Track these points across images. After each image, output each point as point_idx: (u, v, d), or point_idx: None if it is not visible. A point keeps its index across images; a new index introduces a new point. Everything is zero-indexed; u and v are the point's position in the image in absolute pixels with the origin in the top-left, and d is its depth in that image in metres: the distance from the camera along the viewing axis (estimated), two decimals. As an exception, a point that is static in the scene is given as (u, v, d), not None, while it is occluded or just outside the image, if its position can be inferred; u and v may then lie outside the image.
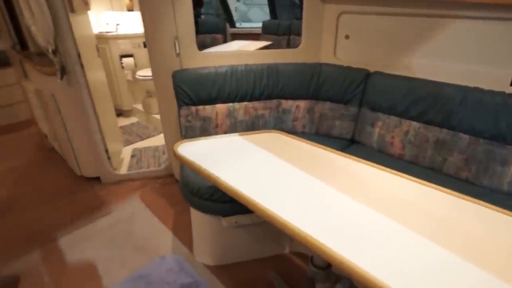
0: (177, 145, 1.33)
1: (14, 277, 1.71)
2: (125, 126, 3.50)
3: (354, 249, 0.78)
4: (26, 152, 3.04)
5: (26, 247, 1.91)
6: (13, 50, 2.72)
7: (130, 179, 2.56)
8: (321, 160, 1.26)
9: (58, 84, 2.12)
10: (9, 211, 2.23)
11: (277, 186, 1.07)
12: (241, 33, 4.27)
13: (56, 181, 2.57)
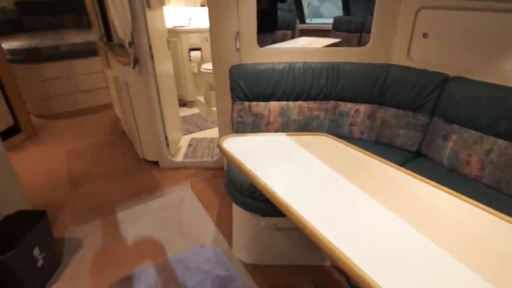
0: (224, 138, 1.35)
1: (78, 239, 1.96)
2: (186, 116, 3.72)
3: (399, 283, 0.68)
4: (103, 132, 3.44)
5: (90, 215, 2.18)
6: (100, 41, 3.08)
7: (184, 166, 2.72)
8: (376, 173, 1.15)
9: (131, 73, 2.34)
10: (83, 182, 2.55)
11: (319, 195, 1.01)
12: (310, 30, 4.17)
13: (122, 160, 2.86)
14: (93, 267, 1.77)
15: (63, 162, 2.86)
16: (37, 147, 3.14)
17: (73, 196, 2.39)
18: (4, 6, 4.56)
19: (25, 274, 1.53)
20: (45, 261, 1.65)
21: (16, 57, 3.55)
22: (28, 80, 3.66)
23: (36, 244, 1.59)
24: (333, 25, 3.97)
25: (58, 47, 3.67)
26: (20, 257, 1.48)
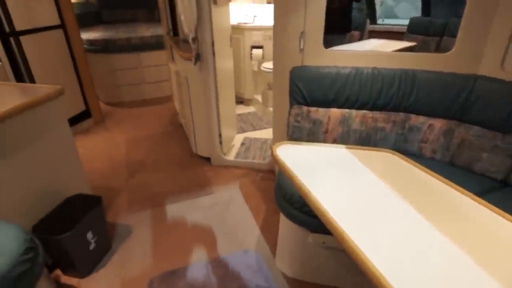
0: (278, 145, 1.31)
1: (129, 227, 2.08)
2: (242, 114, 3.75)
3: None
4: (162, 123, 3.63)
5: (142, 204, 2.30)
6: (167, 35, 3.25)
7: (235, 166, 2.74)
8: (448, 202, 1.01)
9: (192, 68, 2.42)
10: (139, 171, 2.71)
11: (378, 222, 0.91)
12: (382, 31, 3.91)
13: (177, 153, 2.98)
14: (139, 256, 1.86)
15: (123, 149, 3.07)
16: (102, 132, 3.44)
17: (128, 183, 2.55)
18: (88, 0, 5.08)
19: (77, 255, 1.65)
20: (96, 245, 1.76)
21: (93, 47, 3.92)
22: (101, 69, 4.02)
23: (90, 228, 1.70)
24: (408, 26, 3.66)
25: (129, 39, 3.97)
26: (74, 239, 1.60)
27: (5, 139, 1.46)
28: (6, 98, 1.61)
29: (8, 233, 1.22)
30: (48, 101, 1.66)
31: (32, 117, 1.59)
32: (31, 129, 1.59)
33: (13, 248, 1.16)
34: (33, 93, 1.66)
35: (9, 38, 2.64)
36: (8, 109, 1.45)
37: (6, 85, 1.80)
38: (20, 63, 2.74)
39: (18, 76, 2.74)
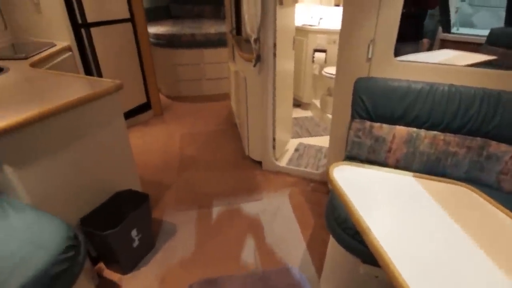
0: (335, 166, 1.24)
1: (174, 226, 2.15)
2: (299, 118, 3.69)
3: None
4: (218, 121, 3.73)
5: (189, 204, 2.37)
6: (230, 34, 3.30)
7: (287, 173, 2.70)
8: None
9: (251, 70, 2.43)
10: (189, 168, 2.82)
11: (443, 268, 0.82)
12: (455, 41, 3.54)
13: (228, 154, 3.04)
14: (181, 259, 1.88)
15: (178, 144, 3.22)
16: (160, 125, 3.63)
17: (178, 180, 2.65)
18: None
19: (121, 251, 1.68)
20: (140, 243, 1.79)
21: (159, 41, 4.15)
22: (164, 63, 4.25)
23: (135, 225, 1.72)
24: (488, 37, 3.25)
25: (194, 35, 4.13)
26: (119, 236, 1.62)
27: (66, 129, 1.49)
28: (70, 89, 1.65)
29: (51, 227, 1.20)
30: (107, 94, 1.67)
31: (92, 109, 1.61)
32: (89, 121, 1.62)
33: (54, 245, 1.14)
34: (95, 86, 1.67)
35: (81, 29, 2.78)
36: (70, 101, 1.47)
37: (72, 76, 1.87)
38: (89, 54, 2.90)
39: (86, 66, 2.91)
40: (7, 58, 2.22)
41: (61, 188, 1.52)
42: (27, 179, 1.36)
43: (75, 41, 2.77)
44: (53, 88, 1.68)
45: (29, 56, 2.26)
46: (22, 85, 1.74)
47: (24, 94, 1.60)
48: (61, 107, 1.43)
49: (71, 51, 2.75)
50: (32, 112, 1.32)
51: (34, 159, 1.37)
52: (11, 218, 1.24)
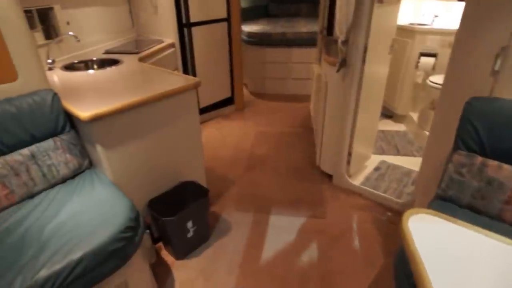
0: (412, 213, 0.87)
1: (229, 225, 2.02)
2: (387, 131, 3.16)
3: None
4: (295, 123, 3.47)
5: (248, 205, 2.20)
6: (320, 34, 2.99)
7: (359, 193, 2.30)
8: None
9: (334, 75, 2.10)
10: (255, 168, 2.64)
11: None
12: None
13: (298, 160, 2.75)
14: (228, 262, 1.76)
15: (250, 142, 3.06)
16: (239, 120, 3.54)
17: (243, 178, 2.49)
18: (260, -7, 5.32)
19: (175, 238, 1.71)
20: (194, 234, 1.78)
21: (250, 39, 4.06)
22: (252, 60, 4.15)
23: (191, 217, 1.72)
24: None
25: (285, 34, 3.91)
26: (175, 224, 1.65)
27: (150, 118, 1.61)
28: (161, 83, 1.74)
29: (120, 206, 1.28)
30: (188, 90, 1.74)
31: (174, 102, 1.69)
32: (170, 112, 1.70)
33: (117, 222, 1.20)
34: (180, 81, 1.75)
35: (184, 28, 2.97)
36: (158, 93, 1.58)
37: (164, 72, 1.96)
38: (188, 50, 3.05)
39: (184, 60, 3.07)
40: (125, 52, 2.49)
41: (137, 170, 1.65)
42: (112, 158, 1.51)
43: (178, 38, 2.97)
44: (148, 80, 1.83)
45: (140, 51, 2.48)
46: (127, 77, 1.89)
47: (125, 85, 1.74)
48: (150, 98, 1.55)
49: (174, 47, 2.97)
50: (125, 101, 1.46)
51: (120, 142, 1.52)
52: (95, 189, 1.39)
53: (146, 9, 3.03)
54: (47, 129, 1.40)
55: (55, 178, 1.41)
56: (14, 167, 1.29)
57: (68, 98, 1.51)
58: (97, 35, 2.66)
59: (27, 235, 1.15)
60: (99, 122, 1.39)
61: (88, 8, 2.53)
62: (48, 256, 1.05)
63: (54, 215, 1.24)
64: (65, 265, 1.04)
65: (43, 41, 2.11)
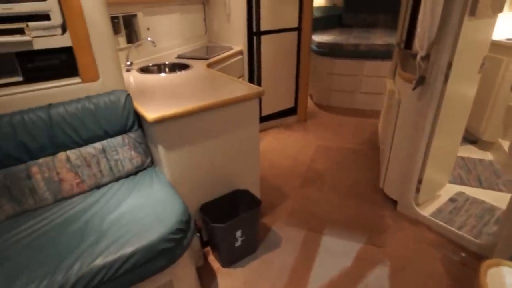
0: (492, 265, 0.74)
1: (279, 239, 1.98)
2: (468, 158, 2.81)
3: None
4: (359, 139, 3.29)
5: (300, 221, 2.14)
6: (397, 46, 2.81)
7: (428, 226, 2.07)
8: None
9: (409, 93, 1.94)
10: (313, 183, 2.55)
11: None
12: None
13: (359, 180, 2.60)
14: (273, 277, 1.72)
15: (310, 155, 2.98)
16: (300, 132, 3.48)
17: (298, 193, 2.43)
18: (335, 3, 5.23)
19: (223, 246, 1.73)
20: (242, 244, 1.78)
21: (320, 49, 3.99)
22: (320, 70, 4.07)
23: (241, 227, 1.73)
24: None
25: (357, 46, 3.76)
26: (224, 231, 1.67)
27: (212, 123, 1.66)
28: (225, 90, 1.79)
29: (173, 207, 1.34)
30: (251, 99, 1.75)
31: (236, 110, 1.72)
32: (232, 120, 1.74)
33: (169, 223, 1.25)
34: (244, 89, 1.78)
35: (254, 36, 3.04)
36: (222, 100, 1.63)
37: (229, 79, 2.01)
38: (255, 58, 3.12)
39: (250, 68, 3.13)
40: (195, 58, 2.61)
41: (194, 173, 1.70)
42: (171, 159, 1.58)
43: (247, 46, 3.05)
44: (213, 86, 1.88)
45: (210, 57, 2.59)
46: (194, 81, 1.98)
47: (191, 90, 1.81)
48: (213, 104, 1.60)
49: (242, 54, 3.06)
50: (190, 106, 1.53)
51: (181, 144, 1.58)
52: (153, 187, 1.47)
53: (219, 17, 3.18)
54: (118, 126, 1.54)
55: (120, 172, 1.53)
56: (87, 159, 1.44)
57: (139, 99, 1.65)
58: (172, 40, 2.87)
59: (90, 222, 1.26)
60: (163, 124, 1.48)
61: (167, 15, 2.74)
62: (105, 246, 1.14)
63: (115, 207, 1.35)
64: (118, 257, 1.11)
65: (125, 45, 2.35)
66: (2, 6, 1.26)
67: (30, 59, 1.41)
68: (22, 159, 1.34)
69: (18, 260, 1.09)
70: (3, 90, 1.38)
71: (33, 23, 1.35)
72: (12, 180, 1.29)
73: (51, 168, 1.36)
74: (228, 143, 1.77)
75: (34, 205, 1.33)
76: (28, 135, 1.34)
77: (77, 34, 1.45)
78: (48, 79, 1.46)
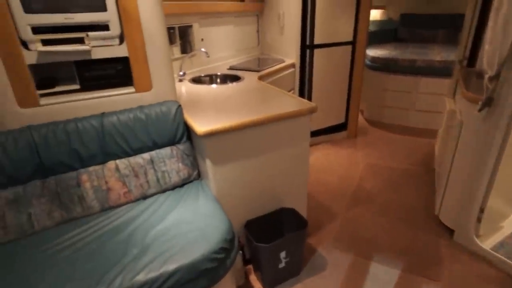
0: None
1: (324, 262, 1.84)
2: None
3: None
4: (412, 159, 3.02)
5: (347, 245, 1.97)
6: (459, 64, 2.52)
7: (489, 260, 1.79)
8: None
9: (473, 114, 1.70)
10: (362, 204, 2.36)
11: None
12: None
13: (412, 203, 2.36)
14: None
15: (359, 173, 2.78)
16: (349, 148, 3.28)
17: (346, 214, 2.26)
18: (391, 17, 4.94)
19: (266, 266, 1.63)
20: (286, 265, 1.67)
21: (373, 64, 3.77)
22: (372, 86, 3.85)
23: (286, 248, 1.62)
24: None
25: (414, 61, 3.49)
26: (268, 252, 1.57)
27: (262, 139, 1.58)
28: (277, 104, 1.70)
29: (218, 224, 1.28)
30: (303, 115, 1.65)
31: (287, 126, 1.63)
32: (282, 136, 1.65)
33: (213, 240, 1.19)
34: (296, 105, 1.68)
35: (307, 49, 2.93)
36: (274, 115, 1.54)
37: (281, 93, 1.91)
38: (307, 71, 3.01)
39: (301, 81, 3.03)
40: (247, 69, 2.55)
41: (240, 189, 1.62)
42: (218, 174, 1.51)
43: (300, 59, 2.96)
44: (264, 100, 1.79)
45: (261, 69, 2.52)
46: (245, 94, 1.91)
47: (241, 102, 1.74)
48: (264, 119, 1.51)
49: (294, 67, 2.97)
50: (241, 120, 1.45)
51: (228, 159, 1.51)
52: (199, 202, 1.41)
53: (272, 29, 3.13)
54: (168, 137, 1.51)
55: (166, 184, 1.48)
56: (135, 169, 1.41)
57: (190, 110, 1.62)
58: (225, 51, 2.87)
59: (134, 234, 1.24)
60: (212, 138, 1.42)
61: (222, 26, 2.74)
62: (148, 261, 1.10)
63: (160, 220, 1.32)
64: (160, 274, 1.07)
65: (179, 55, 2.37)
66: (64, 15, 1.27)
67: (88, 68, 1.42)
68: (73, 166, 1.34)
69: (62, 270, 1.09)
70: (61, 97, 1.40)
71: (93, 33, 1.36)
72: (63, 187, 1.30)
73: (100, 177, 1.35)
74: (276, 159, 1.68)
75: (81, 213, 1.32)
76: (81, 143, 1.34)
77: (134, 45, 1.45)
78: (103, 87, 1.47)
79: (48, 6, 1.25)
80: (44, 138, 1.27)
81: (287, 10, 2.85)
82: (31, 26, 1.24)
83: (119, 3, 1.37)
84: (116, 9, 1.37)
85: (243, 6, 2.88)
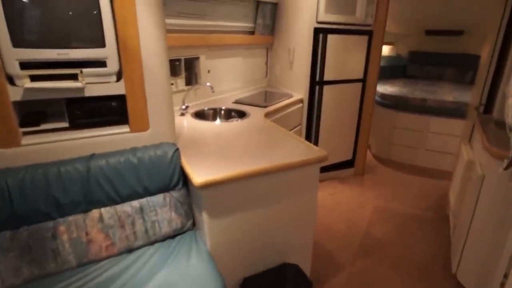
0: None
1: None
2: None
3: None
4: (424, 203, 2.80)
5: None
6: (474, 109, 2.34)
7: None
8: None
9: (496, 171, 1.50)
10: (370, 255, 2.13)
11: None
12: None
13: (426, 257, 2.12)
14: None
15: (367, 218, 2.56)
16: (357, 188, 3.07)
17: (354, 266, 2.02)
18: (399, 53, 4.85)
19: None
20: None
21: (383, 101, 3.62)
22: (381, 123, 3.68)
23: None
24: None
25: (425, 100, 3.33)
26: None
27: (265, 189, 1.40)
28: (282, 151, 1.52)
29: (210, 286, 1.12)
30: (312, 164, 1.47)
31: (292, 176, 1.45)
32: (287, 187, 1.46)
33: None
34: (303, 152, 1.50)
35: (316, 86, 2.80)
36: (277, 165, 1.36)
37: (288, 136, 1.73)
38: (315, 107, 2.86)
39: (309, 117, 2.87)
40: (253, 104, 2.39)
41: (238, 243, 1.43)
42: (215, 227, 1.33)
43: (308, 95, 2.82)
44: (270, 144, 1.62)
45: (268, 105, 2.37)
46: (249, 135, 1.75)
47: (245, 146, 1.57)
48: (268, 169, 1.34)
49: (302, 103, 2.82)
50: (242, 170, 1.29)
51: (227, 211, 1.34)
52: (191, 260, 1.23)
53: (282, 63, 3.03)
54: (161, 183, 1.34)
55: (155, 235, 1.30)
56: (122, 219, 1.24)
57: (188, 151, 1.46)
58: (232, 83, 2.75)
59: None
60: (210, 189, 1.25)
61: (229, 58, 2.63)
62: None
63: (145, 281, 1.12)
64: None
65: (183, 87, 2.22)
66: (57, 51, 1.13)
67: (79, 105, 1.27)
68: (51, 215, 1.15)
69: None
70: (46, 136, 1.24)
71: (87, 69, 1.21)
72: (36, 239, 1.11)
73: (80, 228, 1.17)
74: (281, 210, 1.49)
75: (55, 269, 1.13)
76: (62, 190, 1.16)
77: (132, 82, 1.31)
78: (94, 126, 1.31)
79: (41, 40, 1.11)
80: (20, 183, 1.09)
81: (298, 45, 2.76)
82: (20, 61, 1.09)
83: (119, 39, 1.24)
84: (115, 45, 1.24)
85: (253, 39, 2.79)
